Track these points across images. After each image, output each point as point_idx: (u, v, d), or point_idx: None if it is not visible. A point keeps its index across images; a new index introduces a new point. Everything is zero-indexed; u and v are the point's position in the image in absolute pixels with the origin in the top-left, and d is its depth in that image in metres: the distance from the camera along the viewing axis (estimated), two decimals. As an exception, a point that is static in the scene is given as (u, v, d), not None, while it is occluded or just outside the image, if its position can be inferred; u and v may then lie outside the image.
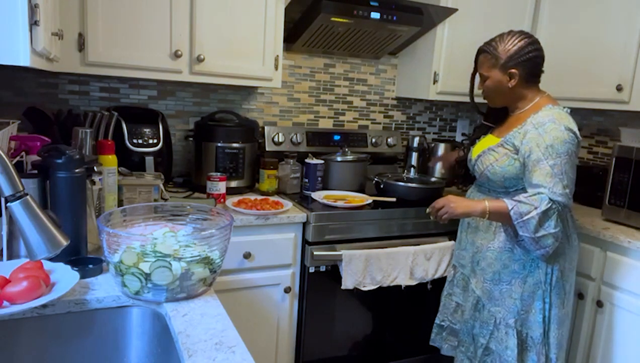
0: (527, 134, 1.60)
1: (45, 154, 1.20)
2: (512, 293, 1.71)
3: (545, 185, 1.53)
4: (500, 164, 1.67)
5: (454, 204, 1.62)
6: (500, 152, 1.68)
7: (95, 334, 1.08)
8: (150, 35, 1.91)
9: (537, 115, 1.62)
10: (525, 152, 1.59)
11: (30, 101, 2.04)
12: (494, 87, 1.69)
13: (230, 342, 0.91)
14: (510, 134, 1.67)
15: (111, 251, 1.06)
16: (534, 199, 1.52)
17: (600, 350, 2.08)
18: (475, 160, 1.79)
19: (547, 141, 1.54)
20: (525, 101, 1.71)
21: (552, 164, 1.53)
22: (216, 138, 2.17)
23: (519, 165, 1.63)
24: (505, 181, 1.69)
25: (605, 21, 2.32)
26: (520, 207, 1.53)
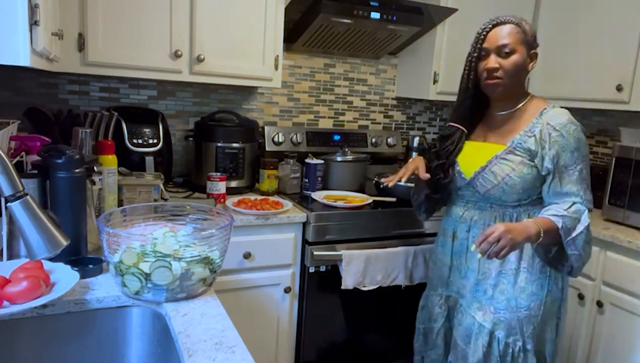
0: (546, 136, 1.40)
1: (45, 154, 1.20)
2: (531, 318, 1.49)
3: (577, 193, 1.41)
4: (519, 174, 1.43)
5: (512, 235, 1.29)
6: (514, 160, 1.44)
7: (95, 334, 1.08)
8: (150, 35, 1.91)
9: (550, 115, 1.43)
10: (552, 157, 1.40)
11: (30, 101, 2.04)
12: (518, 66, 1.43)
13: (230, 342, 0.91)
14: (518, 138, 1.45)
15: (111, 251, 1.06)
16: (574, 212, 1.39)
17: (600, 350, 2.08)
18: (477, 174, 1.50)
19: (572, 144, 1.39)
20: (523, 96, 1.51)
21: (580, 169, 1.41)
22: (216, 138, 2.17)
23: (536, 173, 1.44)
24: (523, 194, 1.47)
25: (605, 21, 2.32)
26: (567, 222, 1.36)
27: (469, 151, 1.56)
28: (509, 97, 1.49)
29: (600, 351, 2.07)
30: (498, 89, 1.44)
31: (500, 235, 1.28)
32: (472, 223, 1.57)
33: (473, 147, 1.56)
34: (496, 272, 1.52)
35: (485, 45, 1.45)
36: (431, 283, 1.73)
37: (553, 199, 1.44)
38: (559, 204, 1.41)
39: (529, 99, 1.49)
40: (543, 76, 2.65)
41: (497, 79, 1.42)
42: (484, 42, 1.45)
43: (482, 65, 1.44)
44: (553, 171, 1.41)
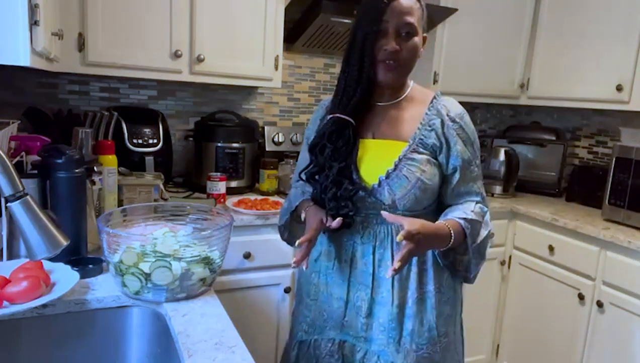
0: (449, 130, 1.17)
1: (45, 154, 1.20)
2: (449, 346, 1.24)
3: (478, 191, 1.23)
4: (429, 175, 1.16)
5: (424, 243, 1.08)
6: (420, 160, 1.16)
7: (95, 334, 1.08)
8: (150, 35, 1.91)
9: (446, 105, 1.20)
10: (458, 153, 1.18)
11: (30, 101, 2.04)
12: (416, 51, 1.17)
13: (230, 342, 0.91)
14: (418, 133, 1.18)
15: (111, 251, 1.06)
16: (477, 213, 1.19)
17: (600, 350, 2.08)
18: (383, 181, 1.16)
19: (471, 136, 1.21)
20: (406, 84, 1.26)
21: (478, 164, 1.23)
22: (216, 138, 2.17)
23: (440, 172, 1.20)
24: (430, 198, 1.21)
25: (605, 21, 2.32)
26: (474, 226, 1.17)
27: (364, 153, 1.21)
28: (402, 83, 1.23)
29: (600, 351, 2.07)
30: (393, 75, 1.16)
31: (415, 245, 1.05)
32: (377, 242, 1.19)
33: (365, 146, 1.21)
34: (413, 298, 1.20)
35: (385, 19, 1.12)
36: (313, 325, 1.29)
37: (454, 201, 1.23)
38: (462, 204, 1.21)
39: (412, 87, 1.26)
40: (543, 76, 2.65)
41: (395, 63, 1.14)
42: (383, 15, 1.12)
43: (378, 44, 1.13)
44: (459, 169, 1.19)
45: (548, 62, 2.61)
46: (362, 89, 1.16)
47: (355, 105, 1.17)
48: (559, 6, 2.54)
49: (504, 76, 2.70)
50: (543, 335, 2.30)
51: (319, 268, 1.28)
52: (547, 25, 2.61)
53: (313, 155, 1.21)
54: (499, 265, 2.49)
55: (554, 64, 2.58)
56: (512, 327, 2.48)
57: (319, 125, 1.26)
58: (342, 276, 1.24)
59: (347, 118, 1.18)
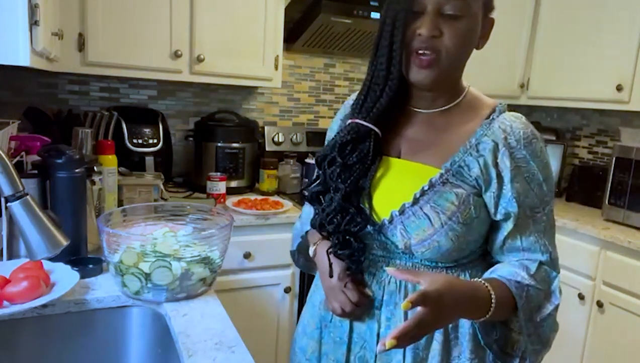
0: (505, 159, 0.84)
1: (45, 154, 1.20)
2: None
3: (545, 249, 0.88)
4: (465, 217, 0.84)
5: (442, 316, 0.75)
6: (457, 194, 0.84)
7: (95, 334, 1.08)
8: (150, 35, 1.91)
9: (506, 123, 0.86)
10: (515, 194, 0.84)
11: (30, 101, 2.04)
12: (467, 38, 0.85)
13: (230, 342, 0.91)
14: (460, 157, 0.86)
15: (111, 251, 1.06)
16: (542, 279, 0.87)
17: (600, 350, 2.08)
18: (397, 217, 0.87)
19: (542, 173, 0.86)
20: (459, 86, 0.93)
21: (549, 212, 0.88)
22: (216, 138, 2.17)
23: (485, 215, 0.87)
24: (465, 249, 0.88)
25: (605, 21, 2.32)
26: (532, 296, 0.84)
27: (382, 176, 0.92)
28: (444, 87, 0.90)
29: (600, 351, 2.07)
30: (429, 73, 0.83)
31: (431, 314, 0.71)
32: (385, 295, 0.91)
33: (387, 166, 0.92)
34: None
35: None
36: None
37: (505, 257, 0.90)
38: (518, 263, 0.87)
39: (467, 91, 0.93)
40: (543, 76, 2.65)
41: (434, 55, 0.82)
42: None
43: (411, 28, 0.82)
44: (515, 216, 0.85)
45: (548, 62, 2.61)
46: (391, 89, 0.86)
47: (381, 110, 0.87)
48: (559, 6, 2.54)
49: (504, 76, 2.70)
50: (543, 335, 2.30)
51: (319, 317, 1.01)
52: (547, 25, 2.61)
53: (320, 169, 0.93)
54: (499, 265, 2.49)
55: (554, 64, 2.57)
56: (512, 327, 2.48)
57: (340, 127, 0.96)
58: (340, 333, 0.96)
59: (369, 125, 0.87)
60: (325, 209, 0.90)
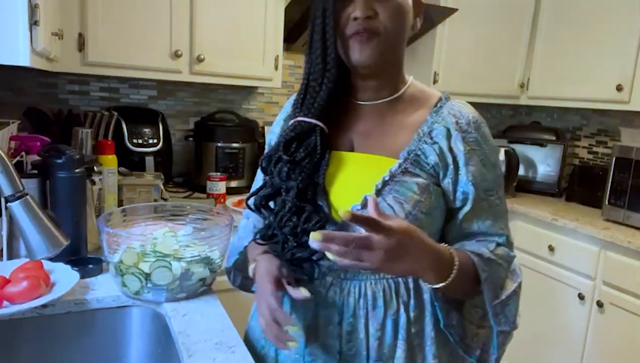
0: (459, 143, 0.83)
1: (45, 154, 1.20)
2: None
3: (501, 231, 0.87)
4: (427, 207, 0.82)
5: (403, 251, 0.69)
6: (417, 184, 0.82)
7: (95, 334, 1.08)
8: (150, 35, 1.91)
9: (455, 109, 0.85)
10: (470, 177, 0.83)
11: (30, 101, 2.04)
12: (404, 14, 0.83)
13: (230, 342, 0.91)
14: (415, 146, 0.84)
15: (111, 251, 1.06)
16: (501, 256, 0.84)
17: (600, 350, 2.08)
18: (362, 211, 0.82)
19: (491, 157, 0.85)
20: (401, 75, 0.91)
21: (502, 196, 0.88)
22: (216, 138, 2.17)
23: (444, 203, 0.86)
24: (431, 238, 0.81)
25: (605, 21, 2.32)
26: (494, 270, 0.82)
27: (337, 170, 0.87)
28: (386, 72, 0.87)
29: (600, 351, 2.07)
30: (371, 50, 0.81)
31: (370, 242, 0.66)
32: (345, 306, 0.84)
33: (341, 161, 0.88)
34: None
35: None
36: None
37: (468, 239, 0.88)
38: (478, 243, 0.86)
39: (410, 83, 0.92)
40: (543, 76, 2.65)
41: (373, 34, 0.80)
42: None
43: (344, 14, 0.81)
44: (472, 199, 0.83)
45: (548, 62, 2.61)
46: (330, 80, 0.83)
47: (322, 103, 0.84)
48: (559, 6, 2.54)
49: (504, 76, 2.70)
50: (543, 335, 2.30)
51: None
52: (547, 25, 2.61)
53: (266, 173, 0.88)
54: (499, 265, 2.49)
55: (554, 64, 2.58)
56: (512, 327, 2.48)
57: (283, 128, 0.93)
58: (299, 350, 0.88)
59: (313, 121, 0.84)
60: (278, 212, 0.83)
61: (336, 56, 0.83)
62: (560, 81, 2.54)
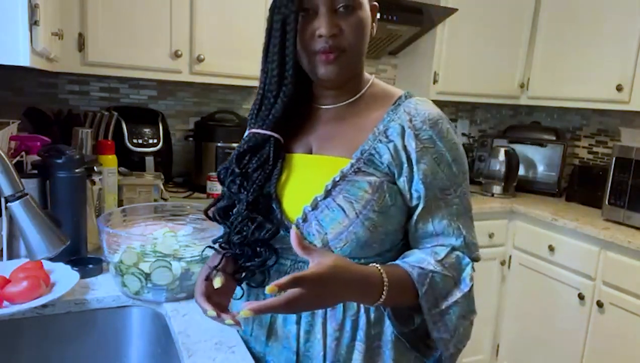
0: (412, 141, 0.82)
1: (45, 154, 1.20)
2: None
3: (457, 233, 0.84)
4: (380, 205, 0.81)
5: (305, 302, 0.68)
6: (369, 183, 0.81)
7: (95, 334, 1.08)
8: (150, 35, 1.91)
9: (411, 107, 0.85)
10: (423, 175, 0.81)
11: (30, 101, 2.03)
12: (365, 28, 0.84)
13: (230, 341, 0.91)
14: (369, 145, 0.84)
15: (111, 251, 1.06)
16: (451, 265, 0.81)
17: (600, 350, 2.08)
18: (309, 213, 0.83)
19: (449, 153, 0.84)
20: (362, 77, 0.91)
21: (462, 194, 0.85)
22: (216, 138, 2.17)
23: (402, 202, 0.84)
24: (385, 240, 0.84)
25: (605, 21, 2.32)
26: (437, 283, 0.79)
27: (290, 175, 0.88)
28: (348, 82, 0.88)
29: (600, 351, 2.07)
30: (339, 67, 0.82)
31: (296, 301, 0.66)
32: None
33: (294, 165, 0.88)
34: None
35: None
36: None
37: (420, 243, 0.86)
38: (430, 249, 0.84)
39: (371, 83, 0.91)
40: (543, 76, 2.65)
41: (338, 51, 0.81)
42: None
43: (309, 30, 0.82)
44: (424, 198, 0.82)
45: (548, 62, 2.61)
46: (286, 94, 0.84)
47: (277, 116, 0.85)
48: (559, 6, 2.54)
49: (504, 76, 2.70)
50: (543, 335, 2.30)
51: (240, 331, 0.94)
52: (547, 25, 2.61)
53: (223, 185, 0.89)
54: (499, 265, 2.49)
55: (554, 64, 2.58)
56: (512, 327, 2.48)
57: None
58: (259, 347, 0.90)
59: (267, 132, 0.85)
60: (233, 222, 0.84)
61: (294, 72, 0.83)
62: (560, 81, 2.54)
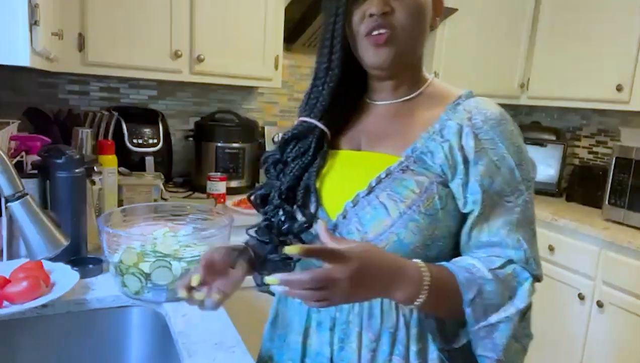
0: (470, 141, 0.74)
1: (45, 154, 1.20)
2: None
3: (518, 246, 0.74)
4: (428, 207, 0.73)
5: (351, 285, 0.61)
6: (418, 183, 0.74)
7: (95, 334, 1.08)
8: (150, 35, 1.91)
9: (471, 105, 0.78)
10: (480, 178, 0.73)
11: (30, 101, 2.03)
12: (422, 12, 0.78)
13: (230, 342, 0.91)
14: (422, 143, 0.77)
15: (111, 251, 1.06)
16: (506, 276, 0.73)
17: (600, 350, 2.08)
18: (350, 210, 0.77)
19: (513, 159, 0.75)
20: (420, 74, 0.85)
21: (524, 202, 0.76)
22: (216, 138, 2.17)
23: (454, 206, 0.76)
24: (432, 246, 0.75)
25: (605, 21, 2.32)
26: (485, 292, 0.71)
27: (333, 169, 0.84)
28: (404, 73, 0.82)
29: (600, 351, 2.07)
30: (390, 50, 0.76)
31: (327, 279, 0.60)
32: (337, 312, 0.80)
33: (339, 160, 0.84)
34: None
35: None
36: None
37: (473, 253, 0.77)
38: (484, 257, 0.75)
39: (430, 82, 0.85)
40: (543, 76, 2.65)
41: (388, 31, 0.75)
42: None
43: (358, 12, 0.77)
44: (480, 203, 0.74)
45: (548, 62, 2.61)
46: (332, 79, 0.80)
47: (325, 104, 0.81)
48: (559, 6, 2.54)
49: (504, 76, 2.71)
50: (543, 335, 2.30)
51: (274, 336, 0.92)
52: (547, 25, 2.61)
53: (266, 173, 0.87)
54: (499, 265, 2.49)
55: (554, 64, 2.58)
56: (512, 326, 2.48)
57: None
58: (292, 356, 0.85)
59: (313, 121, 0.82)
60: (267, 211, 0.83)
61: (342, 56, 0.79)
62: (560, 81, 2.54)
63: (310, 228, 0.78)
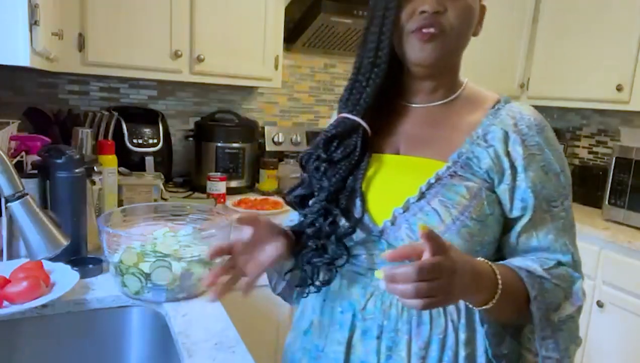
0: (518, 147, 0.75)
1: (45, 154, 1.20)
2: None
3: (565, 249, 0.76)
4: (479, 213, 0.73)
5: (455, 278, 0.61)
6: (467, 188, 0.74)
7: (95, 334, 1.08)
8: (150, 35, 1.91)
9: (514, 111, 0.78)
10: (530, 184, 0.74)
11: (30, 101, 2.03)
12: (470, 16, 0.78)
13: (230, 342, 0.91)
14: (467, 149, 0.77)
15: (111, 251, 1.06)
16: (558, 276, 0.74)
17: (599, 349, 2.08)
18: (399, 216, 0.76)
19: (557, 164, 0.77)
20: (457, 78, 0.85)
21: (567, 208, 0.78)
22: (216, 138, 2.17)
23: (499, 212, 0.76)
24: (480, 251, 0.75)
25: (605, 21, 2.32)
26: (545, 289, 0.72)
27: (378, 173, 0.81)
28: (443, 75, 0.82)
29: (601, 351, 2.07)
30: (436, 48, 0.75)
31: (438, 268, 0.58)
32: (385, 319, 0.77)
33: (384, 164, 0.82)
34: None
35: None
36: None
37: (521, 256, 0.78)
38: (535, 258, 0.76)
39: (466, 85, 0.85)
40: (543, 76, 2.65)
41: (438, 30, 0.74)
42: None
43: (408, 8, 0.75)
44: (531, 209, 0.75)
45: (548, 62, 2.61)
46: (378, 76, 0.77)
47: (368, 101, 0.79)
48: (559, 6, 2.54)
49: (504, 76, 2.70)
50: (543, 335, 2.30)
51: (309, 347, 0.86)
52: (547, 25, 2.61)
53: (304, 171, 0.84)
54: (499, 265, 2.49)
55: (554, 64, 2.58)
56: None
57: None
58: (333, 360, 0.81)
59: (356, 119, 0.79)
60: (307, 213, 0.80)
61: (389, 52, 0.77)
62: (560, 81, 2.54)
63: (354, 233, 0.77)
